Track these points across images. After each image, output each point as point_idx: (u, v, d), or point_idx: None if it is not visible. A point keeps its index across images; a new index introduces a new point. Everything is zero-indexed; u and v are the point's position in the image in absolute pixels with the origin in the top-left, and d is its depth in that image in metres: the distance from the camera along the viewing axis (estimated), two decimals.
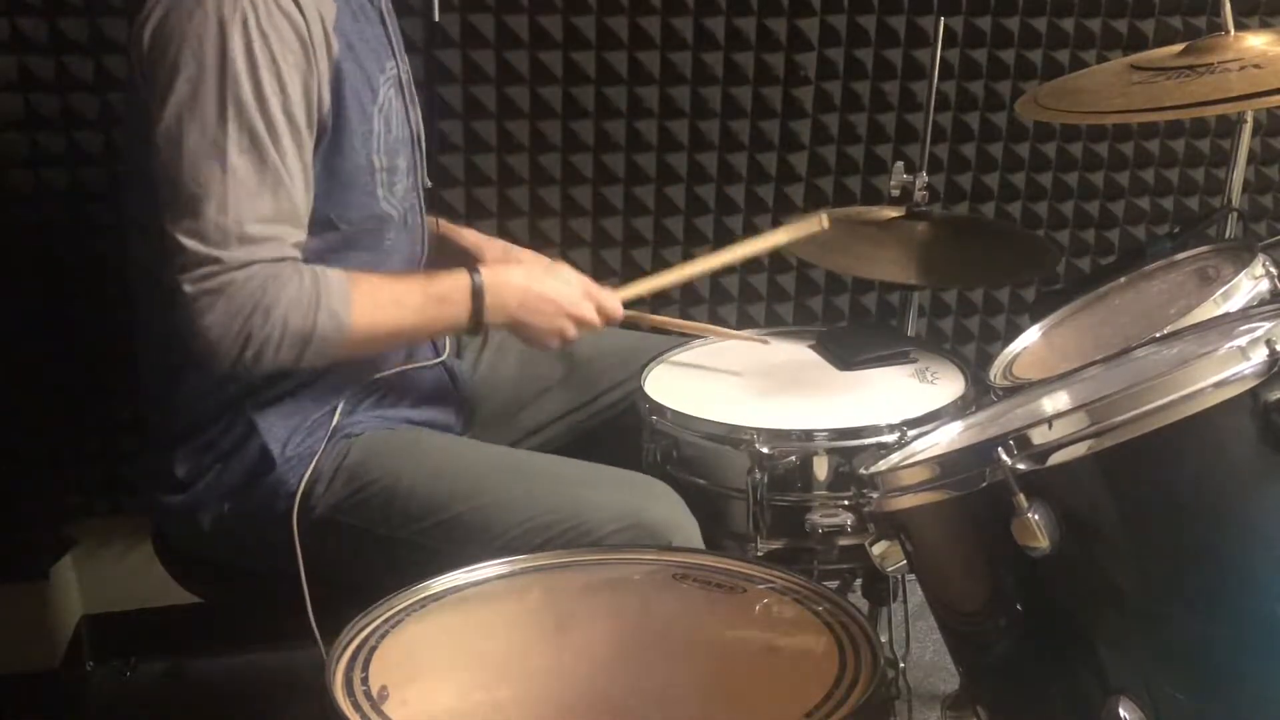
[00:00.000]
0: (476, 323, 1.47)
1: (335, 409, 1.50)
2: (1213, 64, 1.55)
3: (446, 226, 1.75)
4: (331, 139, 1.41)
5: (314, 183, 1.39)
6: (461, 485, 1.46)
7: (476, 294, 1.46)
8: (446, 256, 1.68)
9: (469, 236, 1.76)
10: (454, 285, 1.46)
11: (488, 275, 1.47)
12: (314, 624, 1.40)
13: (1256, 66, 1.51)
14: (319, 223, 1.41)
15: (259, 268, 1.32)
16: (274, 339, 1.33)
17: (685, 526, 1.43)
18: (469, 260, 1.62)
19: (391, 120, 1.49)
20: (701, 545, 1.43)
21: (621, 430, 1.66)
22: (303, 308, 1.34)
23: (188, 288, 1.30)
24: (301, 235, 1.38)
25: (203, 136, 1.30)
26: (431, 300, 1.45)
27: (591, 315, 1.55)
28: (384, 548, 1.45)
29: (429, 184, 1.68)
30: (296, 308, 1.33)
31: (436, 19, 2.00)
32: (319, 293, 1.35)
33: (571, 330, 1.54)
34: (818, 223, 1.71)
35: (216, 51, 1.30)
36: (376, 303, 1.41)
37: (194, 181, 1.30)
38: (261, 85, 1.32)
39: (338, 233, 1.44)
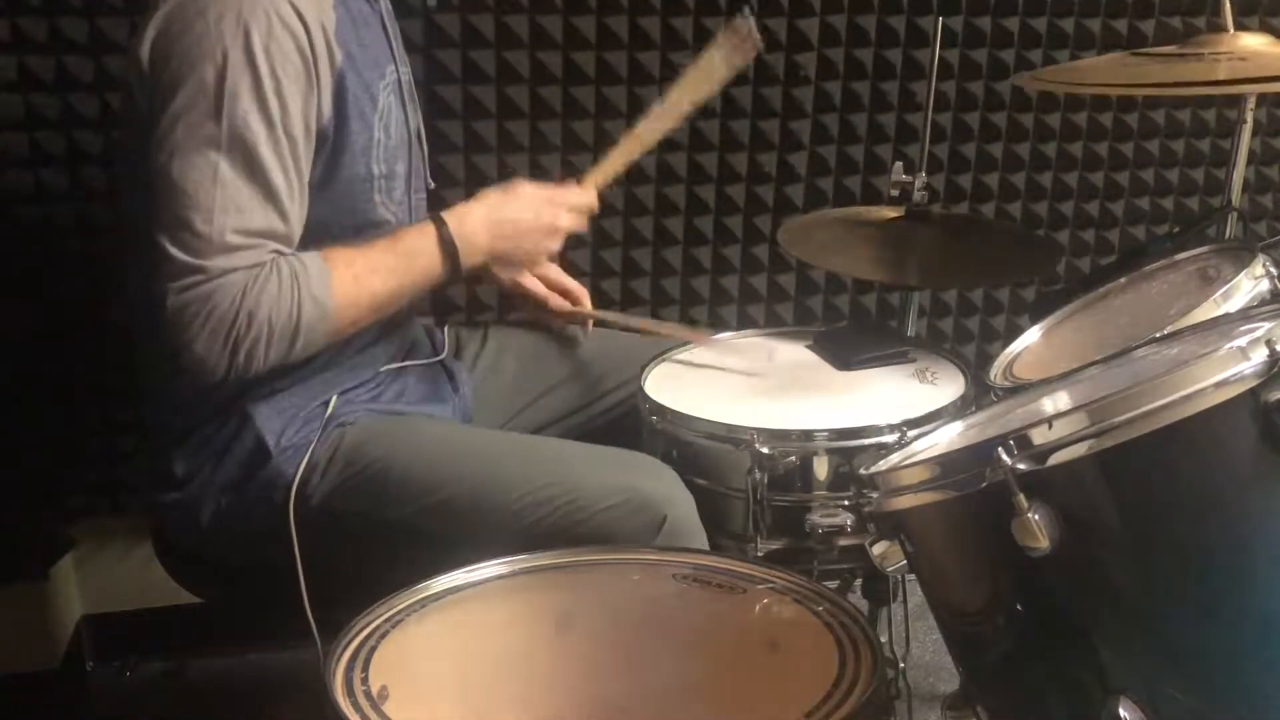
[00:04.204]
0: (453, 267, 1.47)
1: (330, 401, 1.50)
2: (1204, 55, 1.64)
3: None
4: (331, 149, 1.41)
5: (312, 190, 1.40)
6: (456, 465, 1.46)
7: (444, 239, 1.46)
8: None
9: None
10: (421, 235, 1.47)
11: (450, 218, 1.48)
12: (311, 620, 1.39)
13: (1242, 59, 1.59)
14: (315, 230, 1.41)
15: (240, 275, 1.32)
16: (261, 341, 1.33)
17: (680, 500, 1.43)
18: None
19: (391, 126, 1.49)
20: (696, 519, 1.43)
21: (622, 430, 1.66)
22: (285, 304, 1.34)
23: (172, 298, 1.31)
24: (289, 249, 1.38)
25: (197, 149, 1.31)
26: (403, 258, 1.45)
27: (565, 219, 1.55)
28: (380, 531, 1.45)
29: (432, 184, 1.68)
30: (279, 306, 1.33)
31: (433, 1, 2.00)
32: (298, 283, 1.35)
33: (552, 242, 1.54)
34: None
35: (217, 65, 1.30)
36: (355, 275, 1.41)
37: (184, 192, 1.31)
38: (265, 101, 1.32)
39: (333, 240, 1.44)
